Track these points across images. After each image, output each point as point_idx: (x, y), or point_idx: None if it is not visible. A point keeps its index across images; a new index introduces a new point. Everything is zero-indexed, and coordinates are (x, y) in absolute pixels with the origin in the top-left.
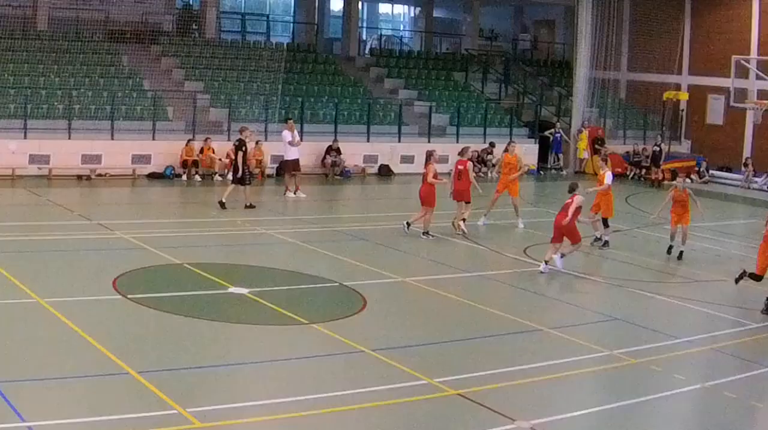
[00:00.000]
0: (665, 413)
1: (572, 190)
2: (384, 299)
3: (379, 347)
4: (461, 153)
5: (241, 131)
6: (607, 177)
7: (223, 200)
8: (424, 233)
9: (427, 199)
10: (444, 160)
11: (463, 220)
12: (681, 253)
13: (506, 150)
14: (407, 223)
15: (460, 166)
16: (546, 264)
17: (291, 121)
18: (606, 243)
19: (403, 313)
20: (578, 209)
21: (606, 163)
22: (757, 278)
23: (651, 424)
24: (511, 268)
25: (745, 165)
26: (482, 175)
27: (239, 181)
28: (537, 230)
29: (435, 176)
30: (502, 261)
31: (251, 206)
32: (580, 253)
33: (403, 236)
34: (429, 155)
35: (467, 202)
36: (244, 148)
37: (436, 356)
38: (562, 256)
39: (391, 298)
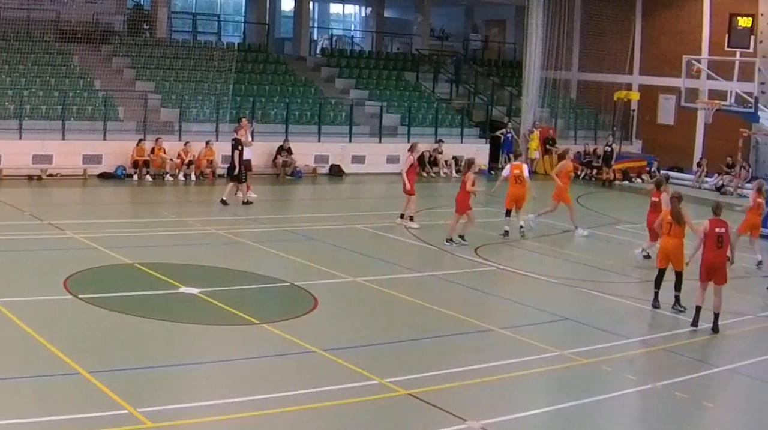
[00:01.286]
0: (616, 413)
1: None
2: (335, 299)
3: (330, 347)
4: (412, 149)
5: (236, 130)
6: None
7: (224, 198)
8: (447, 240)
9: (462, 206)
10: (394, 160)
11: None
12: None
13: (562, 157)
14: (449, 239)
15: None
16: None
17: (245, 120)
18: (506, 233)
19: (354, 313)
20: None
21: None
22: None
23: (602, 424)
24: (462, 268)
25: (699, 165)
26: (433, 175)
27: (236, 178)
28: (487, 230)
29: (473, 185)
30: (453, 261)
31: (248, 202)
32: (532, 253)
33: (368, 237)
34: (470, 163)
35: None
36: (240, 147)
37: (387, 356)
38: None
39: (342, 298)
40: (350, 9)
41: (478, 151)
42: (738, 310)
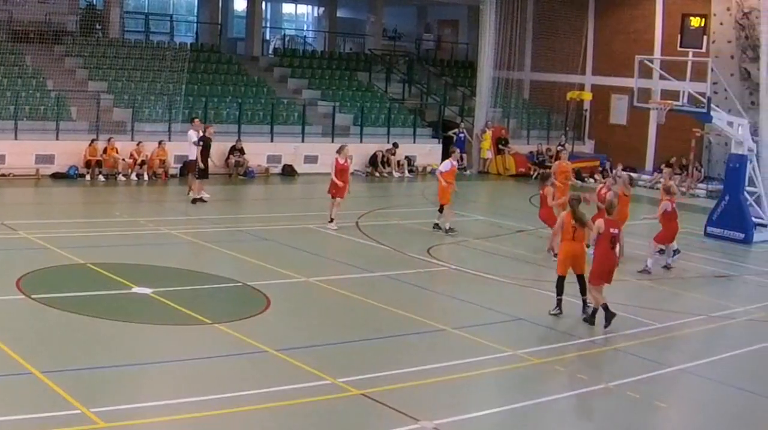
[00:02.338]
0: (568, 413)
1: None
2: (288, 299)
3: (283, 347)
4: (338, 151)
5: (205, 129)
6: (443, 165)
7: (198, 196)
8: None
9: (549, 221)
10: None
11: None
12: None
13: (558, 158)
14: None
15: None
16: None
17: (197, 120)
18: (440, 227)
19: (307, 313)
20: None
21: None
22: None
23: (554, 424)
24: (414, 268)
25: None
26: (386, 175)
27: (201, 175)
28: (440, 230)
29: (554, 198)
30: (405, 261)
31: (201, 201)
32: (485, 253)
33: (320, 237)
34: (546, 177)
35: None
36: (202, 144)
37: (340, 356)
38: None
39: (295, 298)
40: (303, 9)
41: (431, 151)
42: (690, 310)
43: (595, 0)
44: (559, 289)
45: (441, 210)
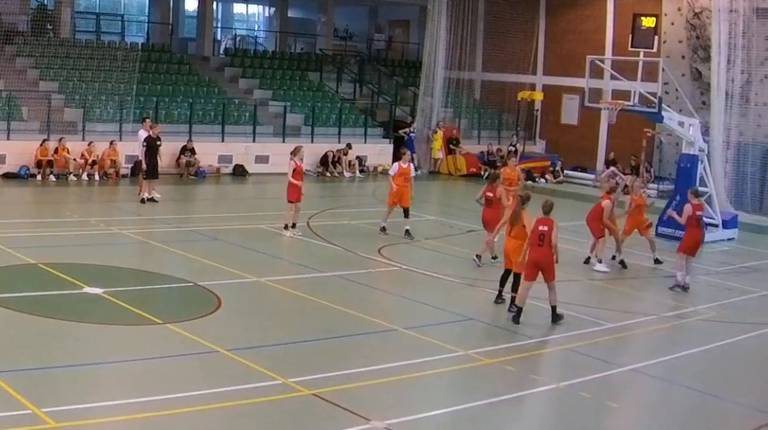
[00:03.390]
0: (520, 414)
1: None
2: (239, 299)
3: (234, 347)
4: (294, 152)
5: (150, 128)
6: (392, 169)
7: (148, 196)
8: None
9: (492, 222)
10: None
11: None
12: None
13: (505, 164)
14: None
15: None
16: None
17: (148, 120)
18: (409, 234)
19: (258, 313)
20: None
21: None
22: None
23: (506, 424)
24: (365, 268)
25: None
26: (337, 175)
27: (150, 175)
28: (391, 230)
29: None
30: (357, 261)
31: (150, 201)
32: (436, 253)
33: (272, 237)
34: (496, 177)
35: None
36: (146, 144)
37: (291, 356)
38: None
39: (246, 298)
40: (254, 9)
41: (382, 151)
42: (642, 310)
43: (546, 0)
44: (502, 280)
45: (406, 214)
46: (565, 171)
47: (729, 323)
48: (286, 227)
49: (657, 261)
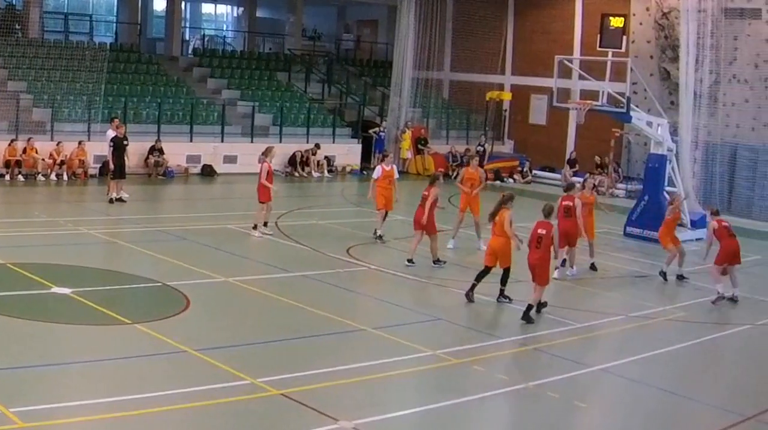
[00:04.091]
0: (488, 413)
1: (434, 180)
2: (207, 299)
3: (203, 347)
4: (265, 153)
5: (117, 128)
6: (374, 172)
7: (116, 196)
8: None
9: (420, 223)
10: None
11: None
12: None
13: (467, 163)
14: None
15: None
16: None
17: (116, 120)
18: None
19: (227, 313)
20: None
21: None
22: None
23: (474, 424)
24: (333, 268)
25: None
26: (306, 175)
27: (118, 175)
28: (359, 230)
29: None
30: (325, 261)
31: (118, 201)
32: (404, 253)
33: (240, 237)
34: (435, 178)
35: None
36: (113, 144)
37: (260, 356)
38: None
39: (215, 298)
40: (222, 9)
41: (350, 151)
42: (610, 310)
43: (515, 0)
44: (479, 276)
45: (384, 217)
46: (534, 171)
47: (697, 323)
48: (255, 227)
49: (593, 266)
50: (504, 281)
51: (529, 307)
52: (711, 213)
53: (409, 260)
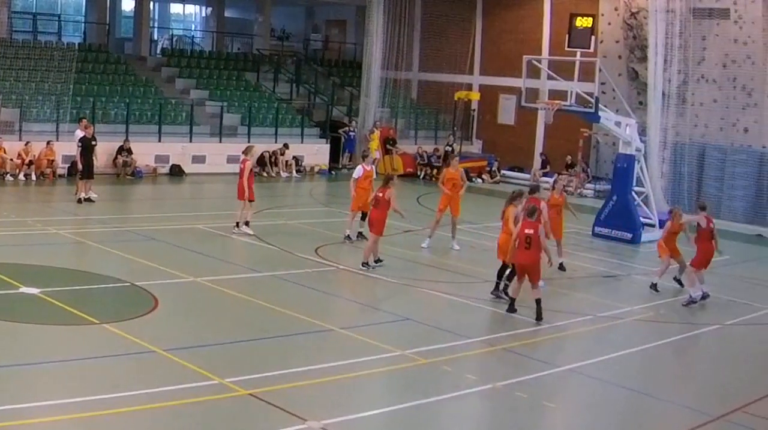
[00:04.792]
0: (457, 413)
1: (387, 181)
2: (175, 299)
3: (171, 347)
4: (245, 152)
5: (85, 128)
6: (355, 171)
7: (85, 196)
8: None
9: (376, 224)
10: (235, 160)
11: (247, 223)
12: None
13: (448, 164)
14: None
15: (379, 194)
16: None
17: (84, 120)
18: (354, 236)
19: (195, 313)
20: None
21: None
22: (503, 270)
23: (443, 424)
24: (302, 268)
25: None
26: (274, 175)
27: (86, 175)
28: (328, 230)
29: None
30: (293, 261)
31: (87, 201)
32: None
33: (209, 237)
34: (389, 179)
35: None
36: (81, 144)
37: (228, 356)
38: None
39: (183, 298)
40: (191, 9)
41: (319, 151)
42: (578, 310)
43: (483, 0)
44: (499, 274)
45: (364, 218)
46: (502, 171)
47: (665, 323)
48: (237, 226)
49: (561, 267)
50: (510, 276)
51: (538, 302)
52: (699, 208)
53: (377, 260)
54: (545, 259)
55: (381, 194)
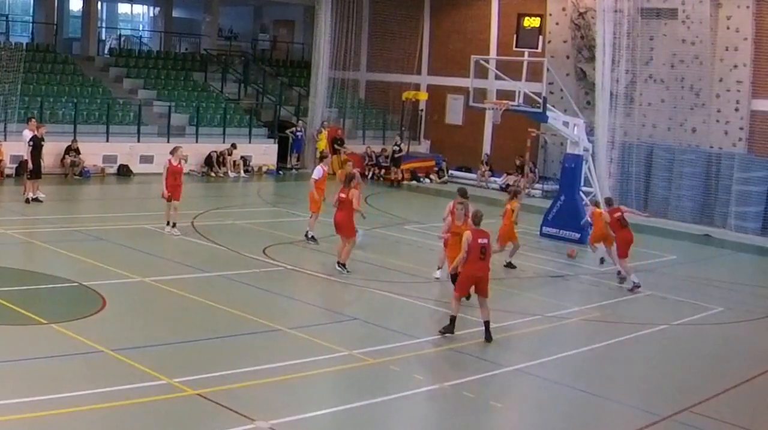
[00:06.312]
0: (404, 413)
1: (350, 180)
2: (123, 299)
3: (118, 347)
4: (172, 152)
5: (37, 128)
6: (315, 172)
7: (33, 196)
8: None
9: (344, 226)
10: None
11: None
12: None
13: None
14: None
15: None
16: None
17: (34, 119)
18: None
19: (143, 313)
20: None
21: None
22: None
23: (390, 424)
24: (250, 268)
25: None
26: (222, 175)
27: (35, 175)
28: (276, 230)
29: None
30: (241, 261)
31: (35, 201)
32: (321, 253)
33: (156, 237)
34: (351, 178)
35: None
36: (32, 144)
37: (176, 356)
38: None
39: (131, 298)
40: (138, 9)
41: (266, 151)
42: (526, 310)
43: (431, 0)
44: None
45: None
46: (450, 171)
47: (612, 323)
48: (168, 224)
49: (510, 265)
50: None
51: (487, 324)
52: (605, 202)
53: (341, 265)
54: None
55: (344, 196)
